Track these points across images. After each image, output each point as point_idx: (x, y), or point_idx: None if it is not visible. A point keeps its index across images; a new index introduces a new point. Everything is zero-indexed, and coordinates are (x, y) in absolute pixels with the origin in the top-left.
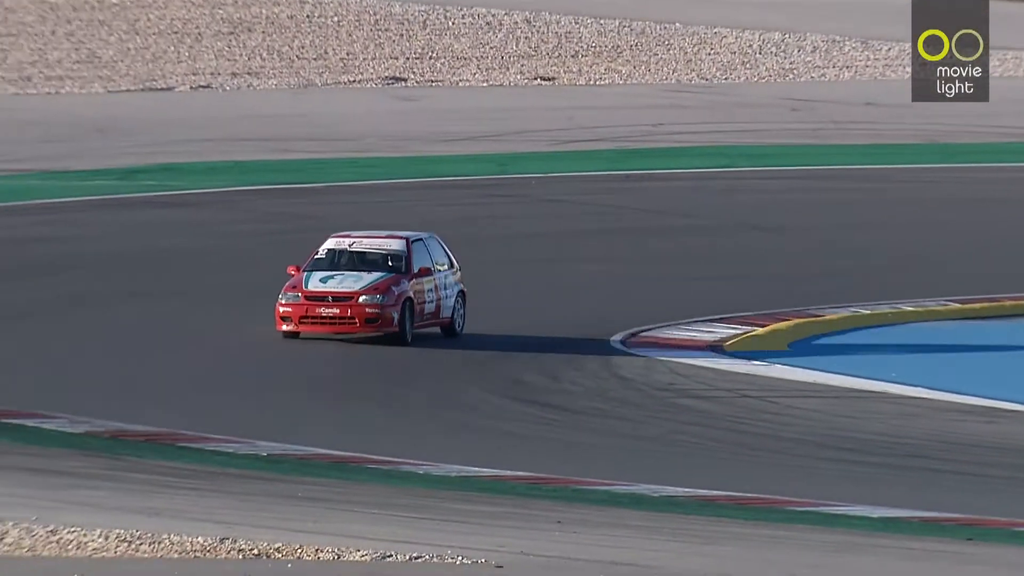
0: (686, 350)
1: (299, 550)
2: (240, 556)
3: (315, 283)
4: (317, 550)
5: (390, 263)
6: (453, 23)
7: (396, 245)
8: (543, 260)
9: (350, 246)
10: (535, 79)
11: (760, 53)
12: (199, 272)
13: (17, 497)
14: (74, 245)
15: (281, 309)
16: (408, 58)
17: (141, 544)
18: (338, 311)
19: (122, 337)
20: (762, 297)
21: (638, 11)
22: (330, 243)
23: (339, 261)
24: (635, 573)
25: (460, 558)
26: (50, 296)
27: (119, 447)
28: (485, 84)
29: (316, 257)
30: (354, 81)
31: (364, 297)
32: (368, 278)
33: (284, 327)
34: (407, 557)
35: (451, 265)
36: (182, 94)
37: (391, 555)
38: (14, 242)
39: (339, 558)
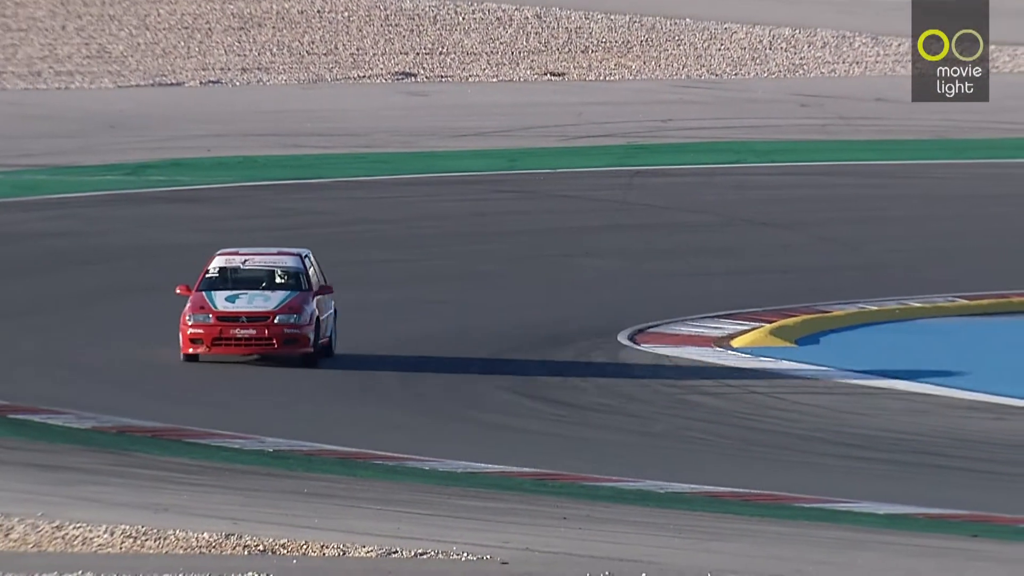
0: (693, 346)
1: (304, 546)
2: (245, 552)
3: (222, 303)
4: (322, 546)
5: (287, 280)
6: (463, 19)
7: (291, 262)
8: (551, 256)
9: (243, 264)
10: (545, 75)
11: (770, 49)
12: None
13: (23, 493)
14: (83, 240)
15: (190, 331)
16: (418, 54)
17: (147, 540)
18: (254, 332)
19: (129, 332)
20: (770, 293)
21: (648, 6)
22: (220, 261)
23: (234, 279)
24: (640, 569)
25: (465, 554)
26: (58, 291)
27: (125, 443)
28: (495, 80)
29: (208, 276)
30: (364, 76)
31: (280, 317)
32: (276, 296)
33: (191, 350)
34: (412, 553)
35: (325, 282)
36: (192, 89)
37: (396, 551)
38: (23, 237)
39: (344, 554)
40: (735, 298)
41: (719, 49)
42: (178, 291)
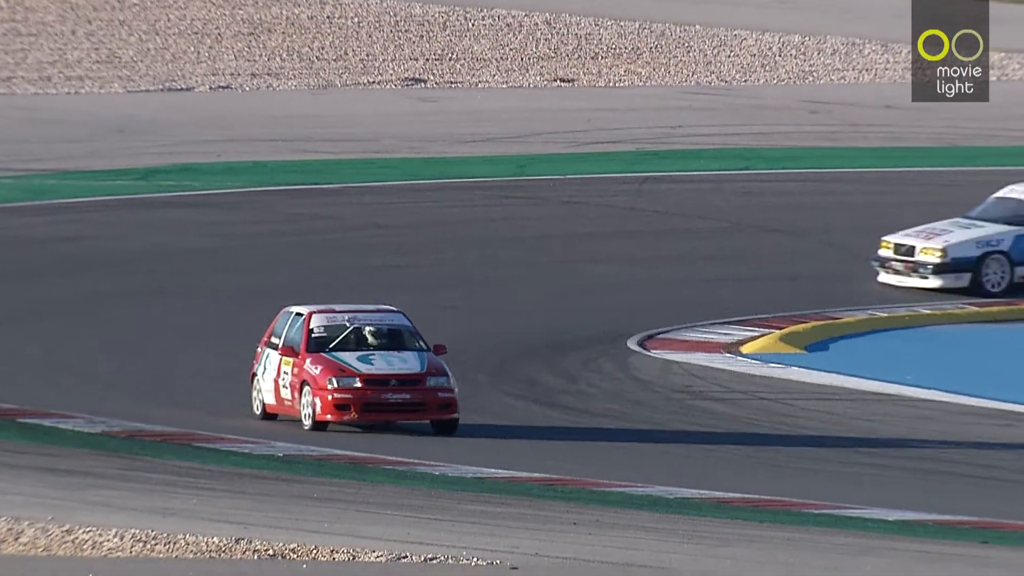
0: (703, 352)
1: (314, 551)
2: (255, 556)
3: (362, 365)
4: (332, 551)
5: (402, 339)
6: (473, 24)
7: (399, 319)
8: (561, 261)
9: (348, 321)
10: (554, 81)
11: (779, 56)
12: (217, 271)
13: (33, 497)
14: (93, 244)
15: (336, 396)
16: (428, 59)
17: (156, 544)
18: (408, 396)
19: (139, 336)
20: (780, 299)
21: (658, 13)
22: (320, 319)
23: (345, 340)
24: (650, 575)
25: (475, 559)
26: (68, 295)
27: (135, 447)
28: (504, 85)
29: (315, 336)
30: (373, 82)
31: (433, 379)
32: (412, 357)
33: (330, 416)
34: (422, 558)
35: None
36: (202, 94)
37: (406, 556)
38: (33, 241)
39: (354, 559)
40: (745, 304)
41: (729, 56)
42: (260, 348)
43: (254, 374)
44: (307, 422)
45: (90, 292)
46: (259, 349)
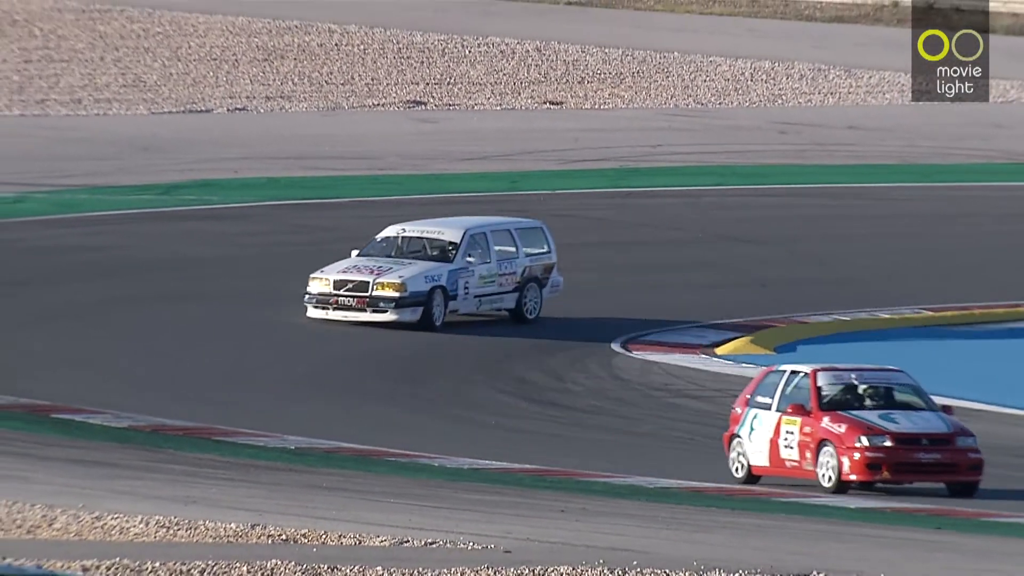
0: (680, 353)
1: (324, 536)
2: (269, 541)
3: (885, 423)
4: (340, 536)
5: (907, 398)
6: (469, 51)
7: (903, 378)
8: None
9: (856, 379)
10: (544, 103)
11: (751, 80)
12: (234, 278)
13: (65, 486)
14: (118, 254)
15: (868, 455)
16: (428, 83)
17: (179, 530)
18: (939, 456)
19: (162, 338)
20: (751, 304)
21: (640, 41)
22: (827, 378)
23: (856, 397)
24: (631, 558)
25: (471, 544)
26: (97, 300)
27: (159, 440)
28: (498, 108)
29: (824, 394)
30: (378, 104)
31: (962, 440)
32: (932, 417)
33: (857, 476)
34: (423, 542)
35: None
36: (220, 116)
37: (408, 540)
38: (65, 251)
39: (360, 543)
40: (718, 309)
41: (704, 80)
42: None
43: (732, 435)
44: (827, 483)
45: (116, 297)
46: (736, 410)
